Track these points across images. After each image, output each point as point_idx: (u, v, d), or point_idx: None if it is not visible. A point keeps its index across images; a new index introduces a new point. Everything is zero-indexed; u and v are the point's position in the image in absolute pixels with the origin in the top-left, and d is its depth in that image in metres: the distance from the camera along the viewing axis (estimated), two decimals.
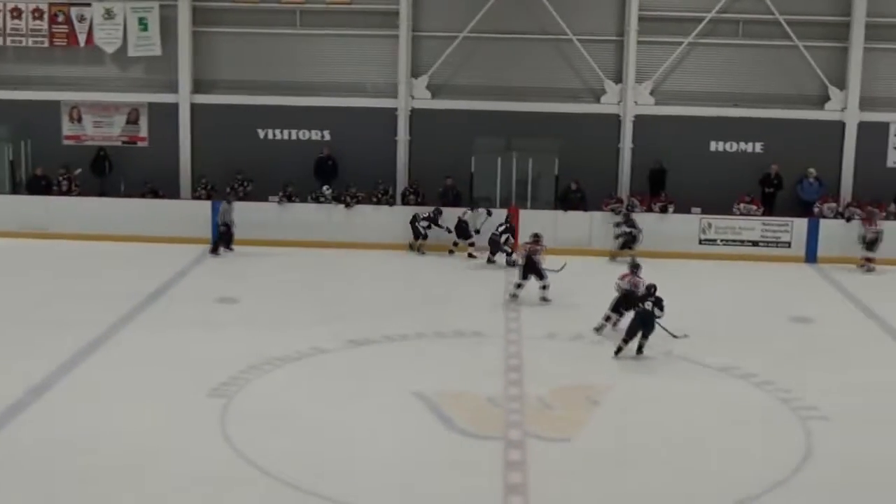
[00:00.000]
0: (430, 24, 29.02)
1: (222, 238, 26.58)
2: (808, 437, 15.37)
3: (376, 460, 14.21)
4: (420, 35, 29.03)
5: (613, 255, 26.75)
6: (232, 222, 26.66)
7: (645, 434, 15.42)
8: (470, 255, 26.82)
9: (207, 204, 27.69)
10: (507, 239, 25.94)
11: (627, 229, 26.86)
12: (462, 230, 27.09)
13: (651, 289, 18.89)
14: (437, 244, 27.12)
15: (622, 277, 20.13)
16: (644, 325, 18.65)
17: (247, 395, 16.54)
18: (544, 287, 22.24)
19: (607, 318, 20.10)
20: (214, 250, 26.53)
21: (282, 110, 29.12)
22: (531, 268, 22.19)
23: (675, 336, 18.92)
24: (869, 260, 26.40)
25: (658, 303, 18.74)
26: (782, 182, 28.33)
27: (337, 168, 28.69)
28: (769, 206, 28.25)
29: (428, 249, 27.06)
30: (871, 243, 26.42)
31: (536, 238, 22.34)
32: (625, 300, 19.78)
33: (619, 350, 18.82)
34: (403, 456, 14.41)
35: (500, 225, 26.17)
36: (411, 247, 27.14)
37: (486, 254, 26.17)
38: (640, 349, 18.82)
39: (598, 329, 20.09)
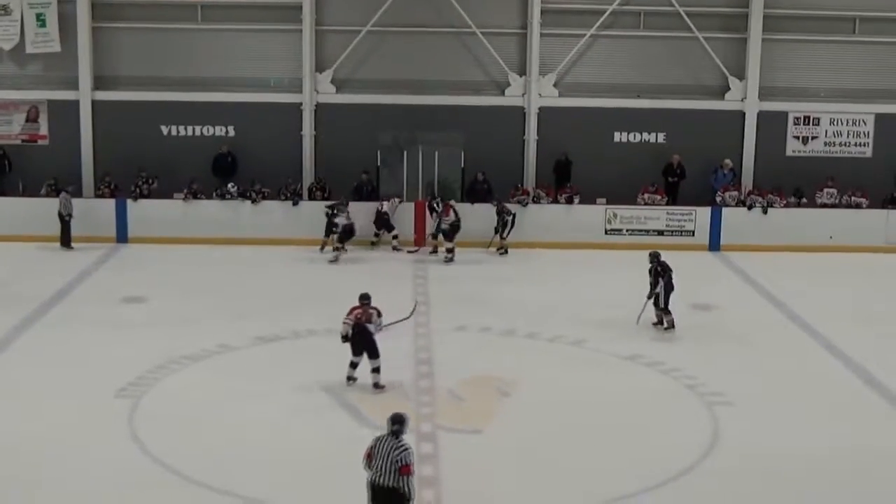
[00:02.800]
0: (333, 18, 28.88)
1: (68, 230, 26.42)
2: (715, 423, 15.61)
3: (287, 457, 14.16)
4: (324, 29, 28.89)
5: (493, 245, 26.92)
6: (71, 215, 26.40)
7: (554, 424, 15.54)
8: (394, 248, 26.95)
9: (111, 202, 27.38)
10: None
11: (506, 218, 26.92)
12: (384, 222, 27.06)
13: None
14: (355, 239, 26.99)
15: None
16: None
17: (155, 395, 16.39)
18: (376, 370, 16.75)
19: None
20: (66, 244, 26.32)
21: (185, 106, 28.77)
22: (364, 342, 16.79)
23: (406, 317, 18.38)
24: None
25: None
26: (684, 172, 28.70)
27: (236, 164, 28.45)
28: (672, 196, 28.60)
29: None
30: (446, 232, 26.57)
31: (366, 300, 17.22)
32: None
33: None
34: (314, 451, 14.38)
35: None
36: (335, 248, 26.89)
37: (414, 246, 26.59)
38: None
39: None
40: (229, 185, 27.81)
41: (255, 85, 28.98)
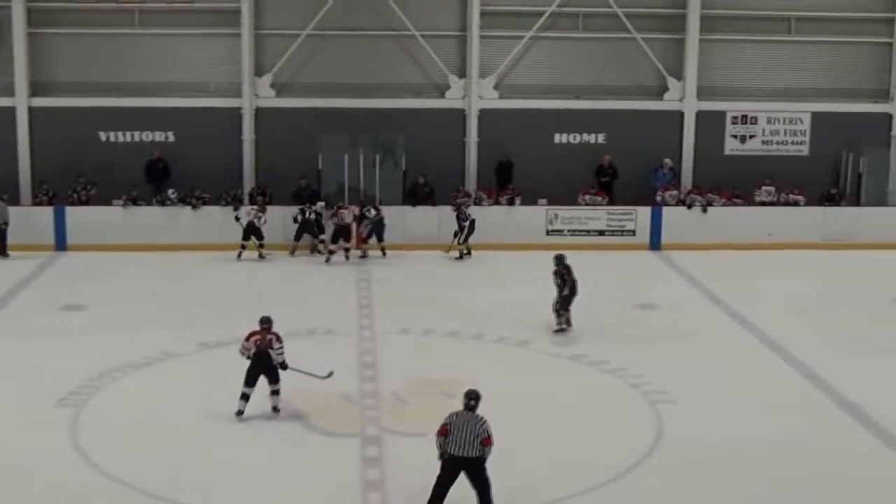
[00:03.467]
0: (272, 22, 28.78)
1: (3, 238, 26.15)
2: (659, 421, 15.73)
3: (232, 463, 14.09)
4: (263, 33, 28.78)
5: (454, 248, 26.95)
6: (7, 223, 26.16)
7: (500, 424, 15.49)
8: (318, 251, 26.97)
9: (49, 210, 27.10)
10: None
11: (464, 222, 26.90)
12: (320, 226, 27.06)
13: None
14: (287, 244, 26.93)
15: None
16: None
17: (97, 403, 16.24)
18: (275, 392, 15.88)
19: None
20: (2, 252, 26.10)
21: (124, 112, 28.53)
22: (264, 367, 15.78)
23: (321, 376, 16.77)
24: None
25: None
26: (616, 172, 28.89)
27: (169, 170, 28.23)
28: (606, 196, 28.75)
29: (276, 249, 26.80)
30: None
31: (266, 324, 16.08)
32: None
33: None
34: (260, 457, 14.32)
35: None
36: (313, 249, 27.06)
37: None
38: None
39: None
40: (169, 192, 27.59)
41: (194, 90, 28.78)
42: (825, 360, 18.60)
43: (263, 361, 15.66)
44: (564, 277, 20.10)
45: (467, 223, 26.63)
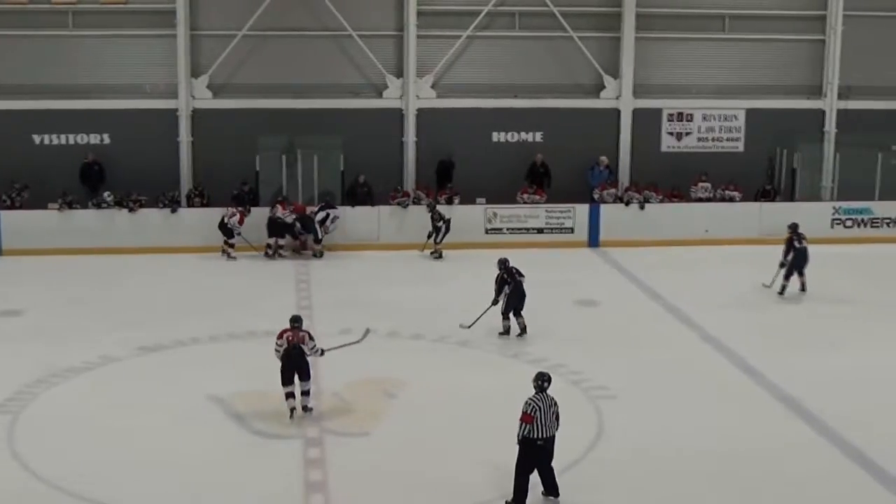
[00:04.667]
0: (208, 23, 28.57)
1: None
2: (599, 416, 15.83)
3: (174, 467, 14.01)
4: (199, 34, 28.56)
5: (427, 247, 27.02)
6: None
7: (442, 424, 15.61)
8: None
9: None
10: (325, 217, 26.44)
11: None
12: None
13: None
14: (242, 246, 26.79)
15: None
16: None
17: (34, 409, 16.07)
18: (306, 392, 16.05)
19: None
20: None
21: (58, 114, 28.15)
22: (297, 364, 15.93)
23: (356, 341, 17.61)
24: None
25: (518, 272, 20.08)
26: (549, 170, 29.02)
27: (104, 174, 27.94)
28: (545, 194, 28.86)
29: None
30: None
31: (297, 323, 16.25)
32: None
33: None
34: (202, 460, 14.26)
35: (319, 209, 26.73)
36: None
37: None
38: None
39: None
40: (104, 194, 27.32)
41: (129, 91, 28.51)
42: (761, 353, 18.84)
43: (297, 358, 15.80)
44: (506, 282, 20.00)
45: (442, 223, 26.62)
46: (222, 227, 26.43)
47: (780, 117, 30.09)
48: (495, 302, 20.08)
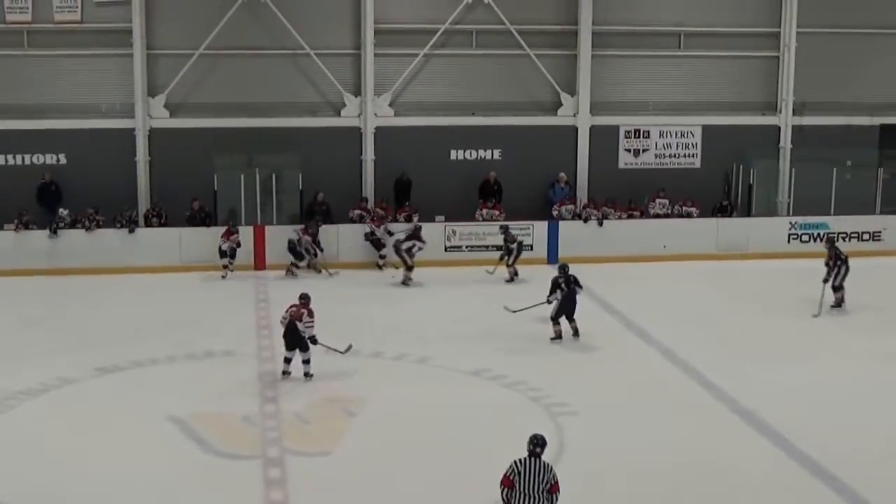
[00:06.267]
0: (165, 42, 28.44)
1: None
2: (561, 433, 15.84)
3: (133, 489, 13.90)
4: (155, 53, 28.44)
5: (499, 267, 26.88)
6: None
7: (403, 441, 15.59)
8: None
9: None
10: (411, 246, 26.06)
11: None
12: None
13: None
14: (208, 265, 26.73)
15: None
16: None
17: None
18: (306, 361, 18.28)
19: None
20: None
21: (13, 134, 27.96)
22: (293, 338, 18.27)
23: (340, 351, 19.01)
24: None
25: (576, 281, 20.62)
26: (501, 188, 29.12)
27: (61, 194, 27.70)
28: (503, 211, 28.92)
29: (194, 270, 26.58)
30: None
31: (303, 300, 18.54)
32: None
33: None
34: (160, 482, 14.15)
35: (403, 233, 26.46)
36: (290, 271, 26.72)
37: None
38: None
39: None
40: (61, 212, 27.08)
41: (86, 111, 28.34)
42: (718, 367, 18.94)
43: (292, 331, 18.03)
44: (560, 287, 20.65)
45: (515, 245, 26.45)
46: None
47: (736, 133, 30.32)
48: (548, 301, 20.81)
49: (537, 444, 11.74)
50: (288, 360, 18.23)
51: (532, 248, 28.13)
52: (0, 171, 28.05)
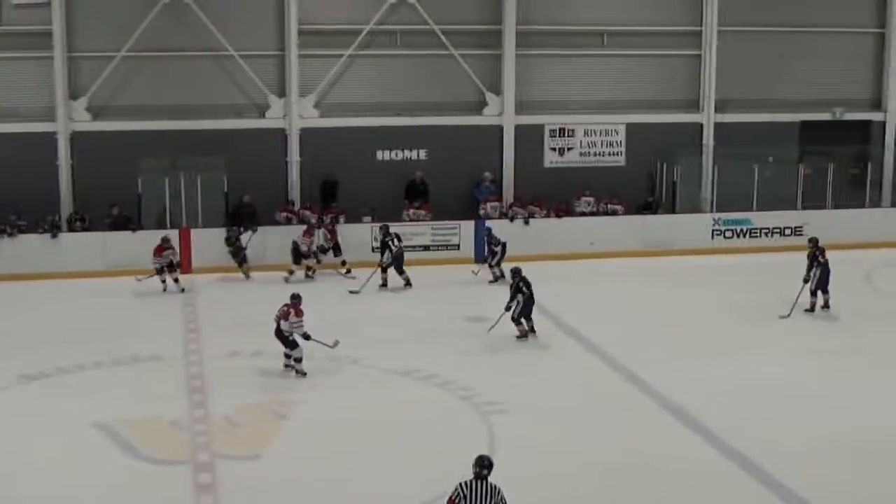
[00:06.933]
0: (86, 45, 28.04)
1: None
2: (491, 430, 15.89)
3: (59, 498, 13.72)
4: (76, 55, 28.09)
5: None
6: None
7: (336, 442, 15.55)
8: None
9: None
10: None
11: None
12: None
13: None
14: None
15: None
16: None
17: None
18: (297, 359, 18.72)
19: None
20: None
21: None
22: (279, 336, 18.75)
23: (329, 345, 19.06)
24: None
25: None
26: (428, 188, 29.18)
27: None
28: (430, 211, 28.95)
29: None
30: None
31: (294, 300, 18.96)
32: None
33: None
34: (88, 490, 13.99)
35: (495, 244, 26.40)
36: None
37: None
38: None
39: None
40: None
41: (5, 114, 27.92)
42: (648, 363, 19.09)
43: (278, 330, 18.64)
44: (520, 290, 20.83)
45: (499, 247, 26.33)
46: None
47: (660, 131, 30.58)
48: (508, 308, 20.87)
49: (483, 465, 11.24)
50: (286, 355, 18.71)
51: (459, 248, 28.20)
52: None
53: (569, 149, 30.59)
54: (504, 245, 26.51)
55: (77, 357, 19.60)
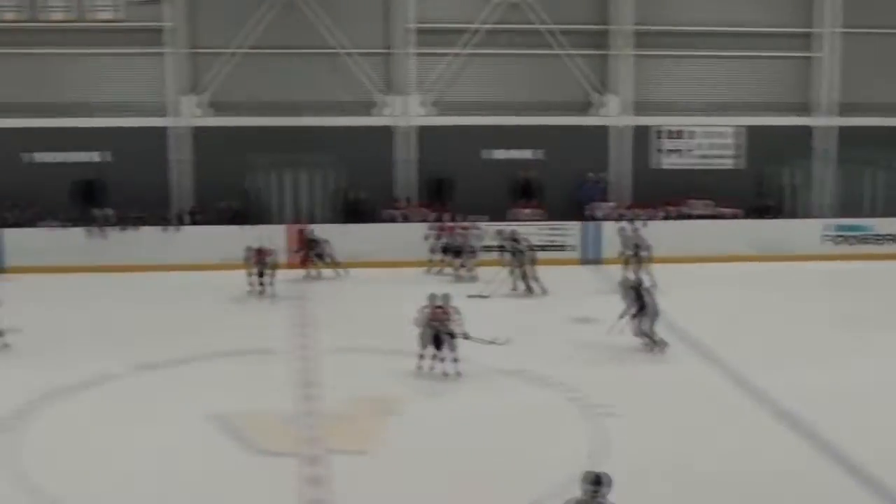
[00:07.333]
0: (204, 41, 28.57)
1: None
2: (598, 435, 15.74)
3: (175, 486, 13.88)
4: (195, 52, 28.57)
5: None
6: None
7: (444, 441, 15.52)
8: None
9: None
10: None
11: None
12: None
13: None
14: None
15: None
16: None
17: (37, 428, 15.94)
18: (453, 360, 18.46)
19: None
20: None
21: (52, 132, 28.17)
22: (438, 337, 18.47)
23: (495, 343, 18.90)
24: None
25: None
26: (540, 186, 29.15)
27: (98, 191, 27.96)
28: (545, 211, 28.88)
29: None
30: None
31: (442, 301, 18.81)
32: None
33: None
34: (202, 479, 14.12)
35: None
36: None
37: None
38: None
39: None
40: (98, 212, 27.18)
41: (124, 109, 28.48)
42: (763, 370, 18.73)
43: (438, 332, 18.28)
44: (640, 297, 20.24)
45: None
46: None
47: (769, 134, 30.29)
48: (624, 314, 20.21)
49: (595, 482, 10.23)
50: (422, 357, 18.43)
51: (571, 248, 28.08)
52: (38, 169, 28.15)
53: (679, 150, 30.29)
54: (650, 248, 25.98)
55: (191, 348, 19.88)
